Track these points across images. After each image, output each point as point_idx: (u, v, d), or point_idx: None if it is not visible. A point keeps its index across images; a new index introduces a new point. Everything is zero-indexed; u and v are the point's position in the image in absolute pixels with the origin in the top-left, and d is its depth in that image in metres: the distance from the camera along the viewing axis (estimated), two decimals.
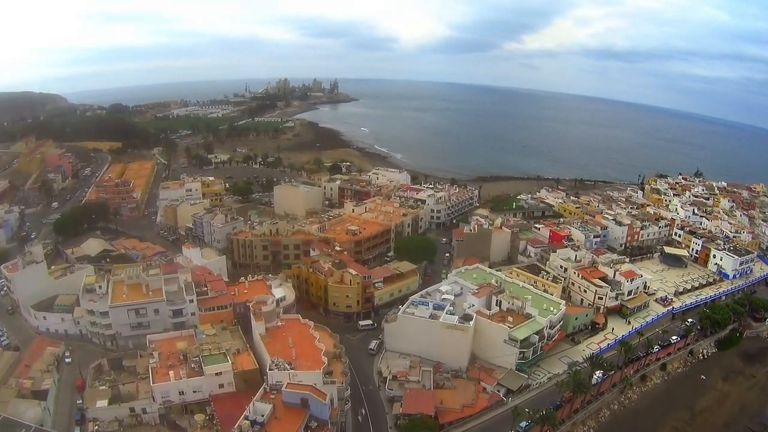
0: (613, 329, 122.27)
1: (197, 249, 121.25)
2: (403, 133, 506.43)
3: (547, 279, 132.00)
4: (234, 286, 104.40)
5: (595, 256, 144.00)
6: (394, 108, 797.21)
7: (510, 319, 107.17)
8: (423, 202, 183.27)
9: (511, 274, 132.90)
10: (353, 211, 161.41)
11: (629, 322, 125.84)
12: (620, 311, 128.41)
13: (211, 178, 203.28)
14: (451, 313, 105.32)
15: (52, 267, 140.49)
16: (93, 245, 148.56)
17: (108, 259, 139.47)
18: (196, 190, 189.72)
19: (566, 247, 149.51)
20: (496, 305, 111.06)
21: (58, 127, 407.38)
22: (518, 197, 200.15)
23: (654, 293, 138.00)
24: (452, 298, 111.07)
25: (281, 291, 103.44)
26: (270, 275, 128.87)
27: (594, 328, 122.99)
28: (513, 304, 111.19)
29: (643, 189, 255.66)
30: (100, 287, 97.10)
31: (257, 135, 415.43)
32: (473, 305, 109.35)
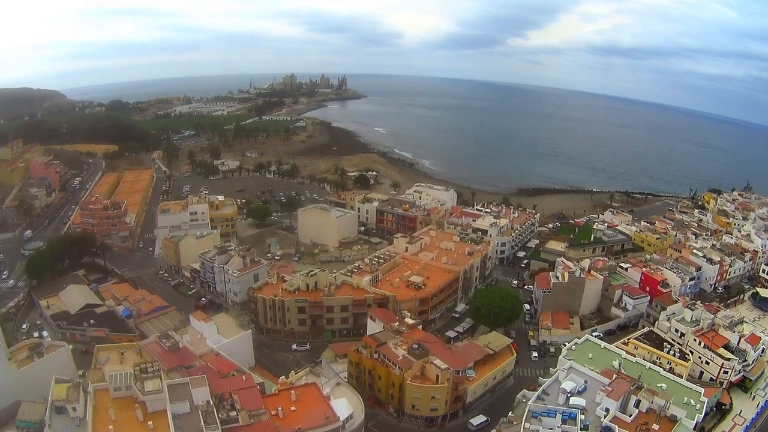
0: (741, 411, 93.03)
1: (212, 324, 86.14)
2: (422, 134, 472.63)
3: (673, 354, 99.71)
4: (275, 396, 69.54)
5: (714, 315, 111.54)
6: (405, 105, 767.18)
7: (655, 427, 75.16)
8: (484, 232, 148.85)
9: (628, 345, 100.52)
10: (406, 250, 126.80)
11: (753, 398, 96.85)
12: (742, 384, 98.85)
13: (220, 198, 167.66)
14: (584, 427, 72.14)
15: (22, 329, 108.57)
16: (74, 296, 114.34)
17: (92, 320, 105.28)
18: (203, 213, 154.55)
19: (675, 301, 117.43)
20: (634, 406, 78.57)
21: (51, 127, 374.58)
22: (595, 227, 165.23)
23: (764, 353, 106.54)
24: (583, 403, 77.15)
25: (345, 404, 68.98)
26: (305, 346, 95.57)
27: (720, 409, 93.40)
28: (653, 402, 78.88)
29: (702, 208, 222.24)
30: (74, 408, 62.92)
31: (267, 136, 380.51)
32: (608, 409, 76.32)
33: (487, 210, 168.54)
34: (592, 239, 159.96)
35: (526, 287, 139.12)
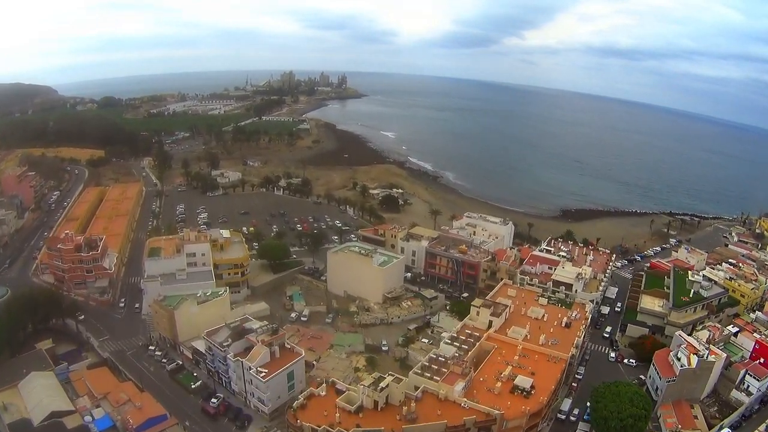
0: None
1: None
2: (433, 140, 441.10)
3: None
4: None
5: None
6: (408, 106, 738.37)
7: None
8: (568, 287, 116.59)
9: None
10: (490, 325, 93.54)
11: None
12: None
13: (225, 234, 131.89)
14: None
15: None
16: (37, 392, 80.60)
17: None
18: (203, 255, 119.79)
19: None
20: None
21: (37, 126, 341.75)
22: (692, 278, 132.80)
23: None
24: None
25: None
26: None
27: None
28: None
29: (760, 236, 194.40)
30: None
31: (269, 141, 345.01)
32: None
33: (561, 254, 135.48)
34: (691, 295, 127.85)
35: (626, 361, 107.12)
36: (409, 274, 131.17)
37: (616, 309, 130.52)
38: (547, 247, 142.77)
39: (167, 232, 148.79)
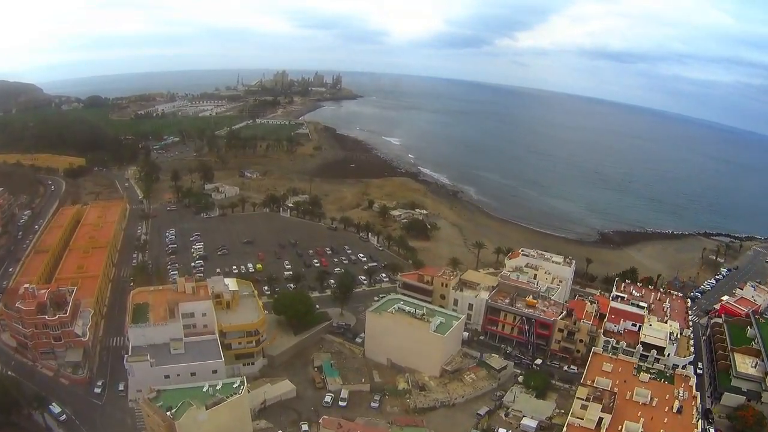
0: None
1: None
2: (439, 147, 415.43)
3: None
4: None
5: None
6: (405, 108, 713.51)
7: None
8: (660, 350, 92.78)
9: None
10: (600, 425, 68.10)
11: None
12: None
13: (231, 287, 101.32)
14: None
15: None
16: None
17: None
18: (205, 315, 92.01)
19: None
20: None
21: (15, 129, 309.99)
22: None
23: None
24: None
25: None
26: None
27: None
28: None
29: None
30: None
31: (267, 148, 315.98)
32: None
33: (638, 303, 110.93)
34: None
35: None
36: (466, 334, 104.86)
37: (697, 370, 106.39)
38: (620, 294, 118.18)
39: (156, 275, 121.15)
